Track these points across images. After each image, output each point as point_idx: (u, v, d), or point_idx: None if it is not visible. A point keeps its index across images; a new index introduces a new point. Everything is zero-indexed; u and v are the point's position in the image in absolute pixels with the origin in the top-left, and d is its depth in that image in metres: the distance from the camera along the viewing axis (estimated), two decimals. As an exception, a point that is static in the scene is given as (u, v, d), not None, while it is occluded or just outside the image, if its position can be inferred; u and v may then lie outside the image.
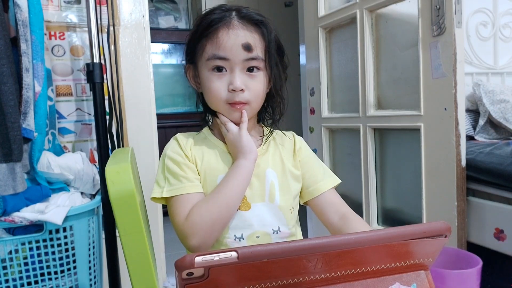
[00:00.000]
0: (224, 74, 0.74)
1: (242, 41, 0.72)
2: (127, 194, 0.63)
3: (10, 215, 0.93)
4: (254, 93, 0.75)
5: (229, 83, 0.73)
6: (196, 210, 0.70)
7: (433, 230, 0.47)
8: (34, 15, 1.05)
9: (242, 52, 0.73)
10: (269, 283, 0.44)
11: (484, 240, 1.29)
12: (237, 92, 0.73)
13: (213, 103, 0.77)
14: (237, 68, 0.73)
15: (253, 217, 0.76)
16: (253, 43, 0.73)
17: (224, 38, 0.72)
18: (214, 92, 0.75)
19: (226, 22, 0.73)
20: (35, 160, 1.02)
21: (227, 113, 0.77)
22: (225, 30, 0.73)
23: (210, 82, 0.75)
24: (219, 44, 0.72)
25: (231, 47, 0.72)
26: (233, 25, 0.73)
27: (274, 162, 0.80)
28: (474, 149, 1.38)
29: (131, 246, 0.64)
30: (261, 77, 0.76)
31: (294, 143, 0.84)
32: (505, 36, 2.01)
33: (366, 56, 1.63)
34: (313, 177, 0.82)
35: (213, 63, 0.74)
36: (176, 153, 0.76)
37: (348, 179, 1.89)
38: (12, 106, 0.91)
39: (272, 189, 0.78)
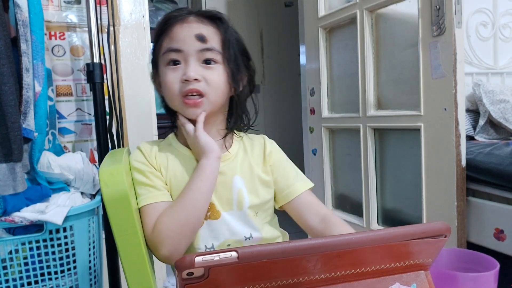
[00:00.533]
0: (179, 67, 0.72)
1: (195, 32, 0.72)
2: (120, 195, 0.63)
3: (10, 215, 0.93)
4: (212, 84, 0.72)
5: (183, 74, 0.71)
6: (161, 219, 0.68)
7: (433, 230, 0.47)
8: (34, 15, 1.05)
9: (195, 43, 0.71)
10: (269, 283, 0.44)
11: (484, 240, 1.29)
12: (190, 81, 0.71)
13: (168, 98, 0.75)
14: (192, 59, 0.71)
15: (223, 225, 0.74)
16: (207, 34, 0.72)
17: (178, 31, 0.72)
18: (168, 85, 0.73)
19: (181, 18, 0.73)
20: (35, 160, 1.02)
21: (181, 110, 0.74)
22: (179, 24, 0.73)
23: (165, 76, 0.73)
24: (173, 37, 0.72)
25: (184, 38, 0.71)
26: (188, 19, 0.73)
27: (242, 169, 0.78)
28: (474, 149, 1.38)
29: (126, 247, 0.64)
30: (220, 70, 0.74)
31: (264, 148, 0.81)
32: (505, 36, 2.01)
33: (366, 56, 1.63)
34: (285, 180, 0.80)
35: (167, 56, 0.72)
36: (140, 162, 0.74)
37: (348, 179, 1.89)
38: (12, 106, 0.91)
39: (240, 197, 0.75)
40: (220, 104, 0.76)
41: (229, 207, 0.75)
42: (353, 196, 1.85)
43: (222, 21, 0.75)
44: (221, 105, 0.77)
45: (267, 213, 0.80)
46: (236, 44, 0.76)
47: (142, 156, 0.75)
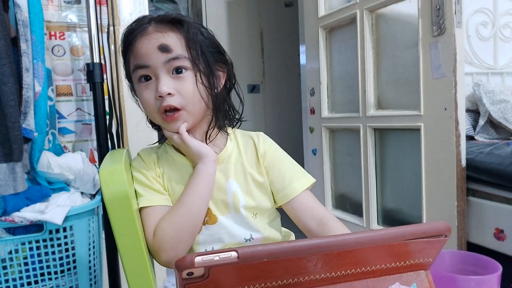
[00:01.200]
0: (151, 83, 0.70)
1: (156, 43, 0.69)
2: (120, 195, 0.63)
3: (10, 215, 0.93)
4: (186, 96, 0.70)
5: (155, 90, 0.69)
6: (160, 225, 0.69)
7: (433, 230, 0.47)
8: (34, 15, 1.05)
9: (160, 55, 0.68)
10: (269, 283, 0.44)
11: (484, 240, 1.29)
12: (164, 97, 0.69)
13: (149, 115, 0.74)
14: (161, 72, 0.69)
15: (221, 230, 0.74)
16: (170, 43, 0.69)
17: (140, 45, 0.70)
18: (145, 104, 0.72)
19: (141, 30, 0.70)
20: (35, 160, 1.02)
21: (163, 125, 0.73)
22: (140, 37, 0.70)
23: (140, 94, 0.72)
24: (137, 53, 0.70)
25: (148, 52, 0.69)
26: (147, 31, 0.70)
27: (235, 171, 0.76)
28: (474, 149, 1.38)
29: (126, 246, 0.64)
30: (190, 77, 0.71)
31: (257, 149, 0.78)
32: (505, 36, 2.01)
33: (366, 56, 1.63)
34: (281, 181, 0.77)
35: (137, 73, 0.71)
36: (142, 167, 0.75)
37: (348, 179, 1.89)
38: (12, 106, 0.91)
39: (235, 200, 0.75)
40: (201, 112, 0.74)
41: (226, 211, 0.75)
42: (353, 196, 1.85)
43: (181, 23, 0.71)
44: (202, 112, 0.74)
45: (268, 214, 0.79)
46: (203, 43, 0.72)
47: (142, 162, 0.76)
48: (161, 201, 0.72)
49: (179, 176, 0.75)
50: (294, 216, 0.77)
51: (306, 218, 0.76)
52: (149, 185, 0.73)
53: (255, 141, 0.80)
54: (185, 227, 0.69)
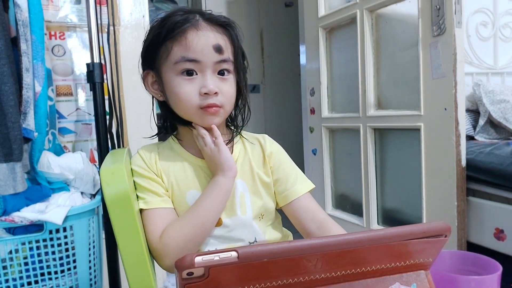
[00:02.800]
0: (195, 78, 0.69)
1: (213, 42, 0.69)
2: (121, 195, 0.63)
3: (10, 215, 0.93)
4: (227, 97, 0.72)
5: (201, 86, 0.69)
6: (169, 231, 0.68)
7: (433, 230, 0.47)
8: (34, 15, 1.05)
9: (213, 54, 0.69)
10: (269, 283, 0.44)
11: (484, 240, 1.29)
12: (210, 95, 0.69)
13: (183, 110, 0.72)
14: (209, 71, 0.69)
15: (226, 232, 0.73)
16: (224, 45, 0.70)
17: (194, 39, 0.68)
18: (184, 98, 0.69)
19: (192, 23, 0.69)
20: (35, 160, 1.02)
21: (199, 119, 0.71)
22: (194, 31, 0.68)
23: (179, 88, 0.69)
24: (189, 46, 0.68)
25: (202, 48, 0.68)
26: (201, 26, 0.69)
27: (243, 172, 0.76)
28: (474, 149, 1.38)
29: (127, 247, 0.63)
30: (232, 80, 0.73)
31: (264, 149, 0.79)
32: (505, 36, 2.01)
33: (366, 56, 1.63)
34: (285, 182, 0.78)
35: (182, 66, 0.69)
36: (140, 167, 0.73)
37: (348, 179, 1.89)
38: (12, 106, 0.91)
39: (242, 201, 0.74)
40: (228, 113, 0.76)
41: (232, 213, 0.74)
42: (353, 196, 1.85)
43: (233, 29, 0.73)
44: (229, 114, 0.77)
45: (271, 215, 0.79)
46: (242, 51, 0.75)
47: (142, 161, 0.74)
48: (160, 203, 0.71)
49: (184, 174, 0.74)
50: (294, 218, 0.78)
51: (306, 220, 0.76)
52: (149, 188, 0.72)
53: (261, 142, 0.80)
54: (195, 238, 0.69)
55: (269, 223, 0.79)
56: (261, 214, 0.77)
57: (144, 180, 0.72)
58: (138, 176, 0.73)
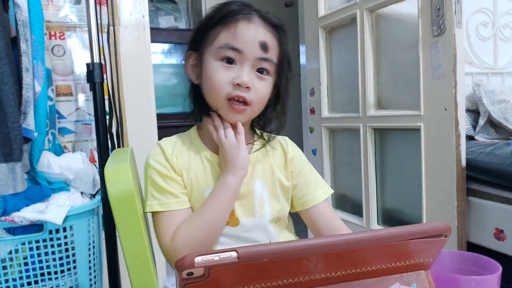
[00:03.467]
0: (233, 68, 0.68)
1: (261, 38, 0.68)
2: (126, 195, 0.63)
3: (10, 215, 0.93)
4: (259, 96, 0.70)
5: (236, 77, 0.68)
6: (180, 233, 0.67)
7: (433, 230, 0.47)
8: (34, 15, 1.05)
9: (258, 50, 0.68)
10: (269, 283, 0.44)
11: (484, 240, 1.29)
12: (242, 88, 0.67)
13: (212, 97, 0.71)
14: (248, 64, 0.68)
15: (242, 233, 0.73)
16: (270, 44, 0.70)
17: (243, 30, 0.68)
18: (217, 84, 0.68)
19: (246, 15, 0.69)
20: (35, 160, 1.02)
21: (225, 112, 0.70)
22: (245, 22, 0.68)
23: (215, 73, 0.69)
24: (237, 35, 0.68)
25: (248, 40, 0.68)
26: (254, 20, 0.69)
27: (263, 173, 0.75)
28: (474, 149, 1.38)
29: (131, 246, 0.64)
30: (269, 82, 0.72)
31: (286, 152, 0.79)
32: (505, 36, 2.01)
33: (366, 56, 1.63)
34: (305, 188, 0.78)
35: (224, 52, 0.68)
36: (159, 163, 0.71)
37: (348, 179, 1.89)
38: (12, 106, 0.91)
39: (261, 203, 0.74)
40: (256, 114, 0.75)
41: (250, 214, 0.73)
42: (353, 196, 1.85)
43: (284, 33, 0.73)
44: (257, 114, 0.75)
45: (286, 219, 0.79)
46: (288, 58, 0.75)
47: (162, 156, 0.72)
48: (175, 205, 0.70)
49: (203, 172, 0.73)
50: (310, 223, 0.78)
51: (321, 226, 0.76)
52: (166, 188, 0.70)
53: (283, 145, 0.80)
54: (206, 240, 0.69)
55: (284, 226, 0.79)
56: (278, 218, 0.77)
57: (163, 178, 0.70)
58: (156, 174, 0.71)
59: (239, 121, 0.71)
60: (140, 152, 1.53)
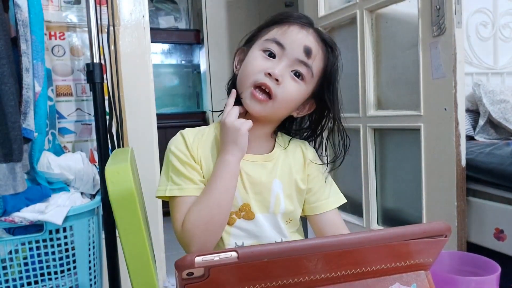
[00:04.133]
0: (271, 60, 0.71)
1: (306, 43, 0.71)
2: (127, 194, 0.63)
3: (10, 215, 0.93)
4: (285, 93, 0.70)
5: (270, 67, 0.69)
6: (188, 218, 0.68)
7: (433, 230, 0.47)
8: (34, 15, 1.05)
9: (300, 52, 0.71)
10: (269, 283, 0.44)
11: (484, 240, 1.29)
12: (272, 78, 0.69)
13: (242, 81, 0.72)
14: (286, 62, 0.70)
15: (256, 227, 0.74)
16: (315, 53, 0.72)
17: (294, 31, 0.72)
18: (250, 69, 0.71)
19: (302, 23, 0.73)
20: (35, 160, 1.02)
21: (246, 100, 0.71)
22: (298, 27, 0.72)
23: (253, 60, 0.72)
24: (285, 32, 0.71)
25: (294, 40, 0.71)
26: (307, 29, 0.73)
27: (282, 172, 0.76)
28: (474, 149, 1.38)
29: (131, 246, 0.64)
30: (301, 87, 0.72)
31: (305, 156, 0.80)
32: (505, 36, 2.01)
33: (366, 56, 1.63)
34: (318, 194, 0.79)
35: (269, 44, 0.71)
36: (180, 151, 0.72)
37: (348, 179, 1.89)
38: (12, 106, 0.91)
39: (277, 201, 0.75)
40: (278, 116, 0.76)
41: (265, 210, 0.75)
42: (353, 196, 1.85)
43: (333, 52, 0.75)
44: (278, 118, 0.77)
45: (297, 222, 0.80)
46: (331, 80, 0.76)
47: (183, 144, 0.73)
48: (193, 191, 0.71)
49: None
50: (317, 229, 0.79)
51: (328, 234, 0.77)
52: (186, 174, 0.71)
53: (303, 149, 0.81)
54: (214, 220, 0.68)
55: (295, 228, 0.80)
56: (290, 219, 0.78)
57: (183, 164, 0.71)
58: (177, 160, 0.72)
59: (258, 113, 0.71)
60: (140, 152, 1.53)
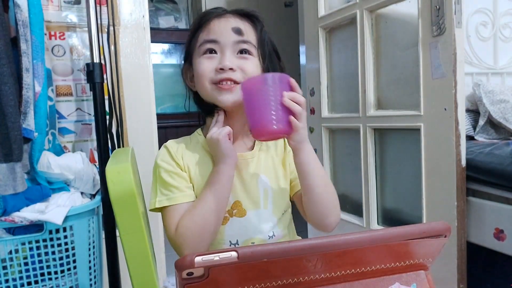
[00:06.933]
0: (215, 57, 0.73)
1: (232, 25, 0.74)
2: (127, 194, 0.63)
3: (10, 215, 0.93)
4: (247, 74, 0.73)
5: (218, 63, 0.72)
6: (182, 222, 0.70)
7: (433, 230, 0.47)
8: (34, 15, 1.05)
9: (232, 35, 0.73)
10: (269, 283, 0.44)
11: (484, 240, 1.29)
12: (225, 71, 0.71)
13: (201, 88, 0.75)
14: (228, 51, 0.73)
15: (248, 224, 0.76)
16: (244, 29, 0.74)
17: (215, 24, 0.74)
18: (202, 74, 0.73)
19: (218, 14, 0.76)
20: (35, 160, 1.02)
21: (214, 96, 0.73)
22: (217, 18, 0.75)
23: (199, 66, 0.74)
24: (210, 29, 0.74)
25: (221, 30, 0.73)
26: (225, 15, 0.76)
27: (266, 167, 0.79)
28: (474, 149, 1.38)
29: (132, 245, 0.64)
30: (255, 62, 0.75)
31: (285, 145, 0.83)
32: (505, 36, 2.01)
33: (366, 56, 1.63)
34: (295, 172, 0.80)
35: (204, 47, 0.74)
36: (166, 162, 0.75)
37: (348, 179, 1.89)
38: (12, 106, 0.91)
39: (265, 196, 0.77)
40: None
41: (255, 206, 0.77)
42: (353, 196, 1.85)
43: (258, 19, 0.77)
44: None
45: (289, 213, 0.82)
46: (270, 43, 0.78)
47: (168, 156, 0.76)
48: (182, 199, 0.73)
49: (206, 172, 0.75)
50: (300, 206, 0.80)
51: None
52: (172, 183, 0.73)
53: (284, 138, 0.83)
54: (207, 226, 0.70)
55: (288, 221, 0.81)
56: (284, 210, 0.80)
57: (169, 175, 0.74)
58: (163, 171, 0.74)
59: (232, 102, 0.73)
60: (140, 152, 1.53)
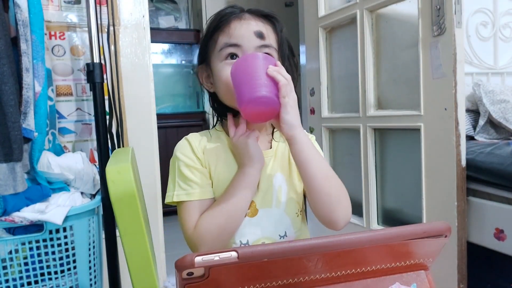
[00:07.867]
0: None
1: (254, 29, 0.72)
2: (127, 194, 0.63)
3: (10, 215, 0.93)
4: None
5: None
6: (203, 221, 0.69)
7: (433, 230, 0.47)
8: (34, 15, 1.05)
9: (254, 39, 0.71)
10: (269, 283, 0.44)
11: (484, 240, 1.29)
12: None
13: (224, 94, 0.73)
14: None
15: (259, 223, 0.74)
16: (266, 32, 0.73)
17: (236, 27, 0.72)
18: (225, 80, 0.71)
19: (236, 14, 0.73)
20: (35, 160, 1.02)
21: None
22: (237, 20, 0.73)
23: (222, 71, 0.72)
24: (231, 33, 0.72)
25: (243, 34, 0.71)
26: (244, 17, 0.73)
27: (282, 166, 0.78)
28: (474, 149, 1.38)
29: (132, 245, 0.64)
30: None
31: None
32: (505, 36, 2.01)
33: (366, 56, 1.63)
34: None
35: (225, 51, 0.72)
36: (186, 156, 0.73)
37: (348, 179, 1.89)
38: (12, 106, 0.91)
39: (279, 195, 0.76)
40: None
41: (267, 205, 0.75)
42: (353, 196, 1.85)
43: (276, 20, 0.76)
44: None
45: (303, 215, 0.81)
46: (288, 45, 0.78)
47: (190, 150, 0.74)
48: (201, 195, 0.72)
49: (227, 169, 0.75)
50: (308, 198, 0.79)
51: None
52: (192, 177, 0.72)
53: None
54: (227, 228, 0.70)
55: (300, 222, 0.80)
56: (298, 210, 0.79)
57: (189, 169, 0.73)
58: (183, 165, 0.73)
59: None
60: (140, 152, 1.53)
